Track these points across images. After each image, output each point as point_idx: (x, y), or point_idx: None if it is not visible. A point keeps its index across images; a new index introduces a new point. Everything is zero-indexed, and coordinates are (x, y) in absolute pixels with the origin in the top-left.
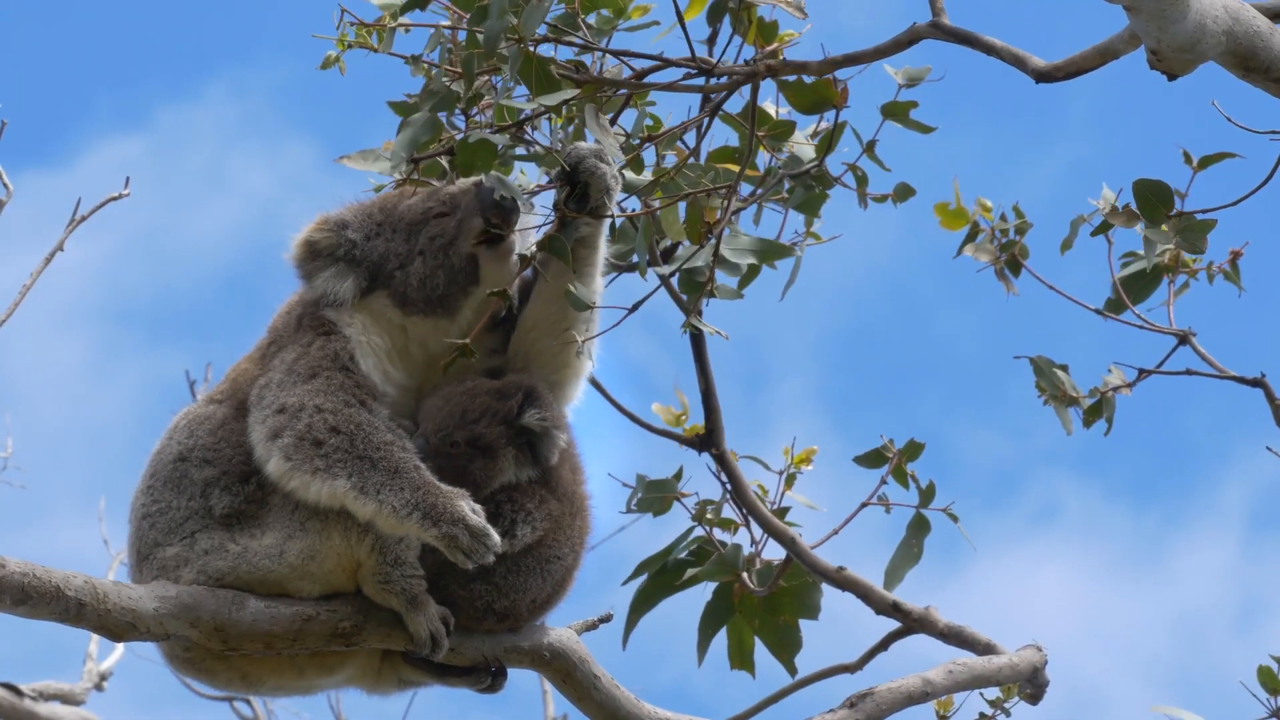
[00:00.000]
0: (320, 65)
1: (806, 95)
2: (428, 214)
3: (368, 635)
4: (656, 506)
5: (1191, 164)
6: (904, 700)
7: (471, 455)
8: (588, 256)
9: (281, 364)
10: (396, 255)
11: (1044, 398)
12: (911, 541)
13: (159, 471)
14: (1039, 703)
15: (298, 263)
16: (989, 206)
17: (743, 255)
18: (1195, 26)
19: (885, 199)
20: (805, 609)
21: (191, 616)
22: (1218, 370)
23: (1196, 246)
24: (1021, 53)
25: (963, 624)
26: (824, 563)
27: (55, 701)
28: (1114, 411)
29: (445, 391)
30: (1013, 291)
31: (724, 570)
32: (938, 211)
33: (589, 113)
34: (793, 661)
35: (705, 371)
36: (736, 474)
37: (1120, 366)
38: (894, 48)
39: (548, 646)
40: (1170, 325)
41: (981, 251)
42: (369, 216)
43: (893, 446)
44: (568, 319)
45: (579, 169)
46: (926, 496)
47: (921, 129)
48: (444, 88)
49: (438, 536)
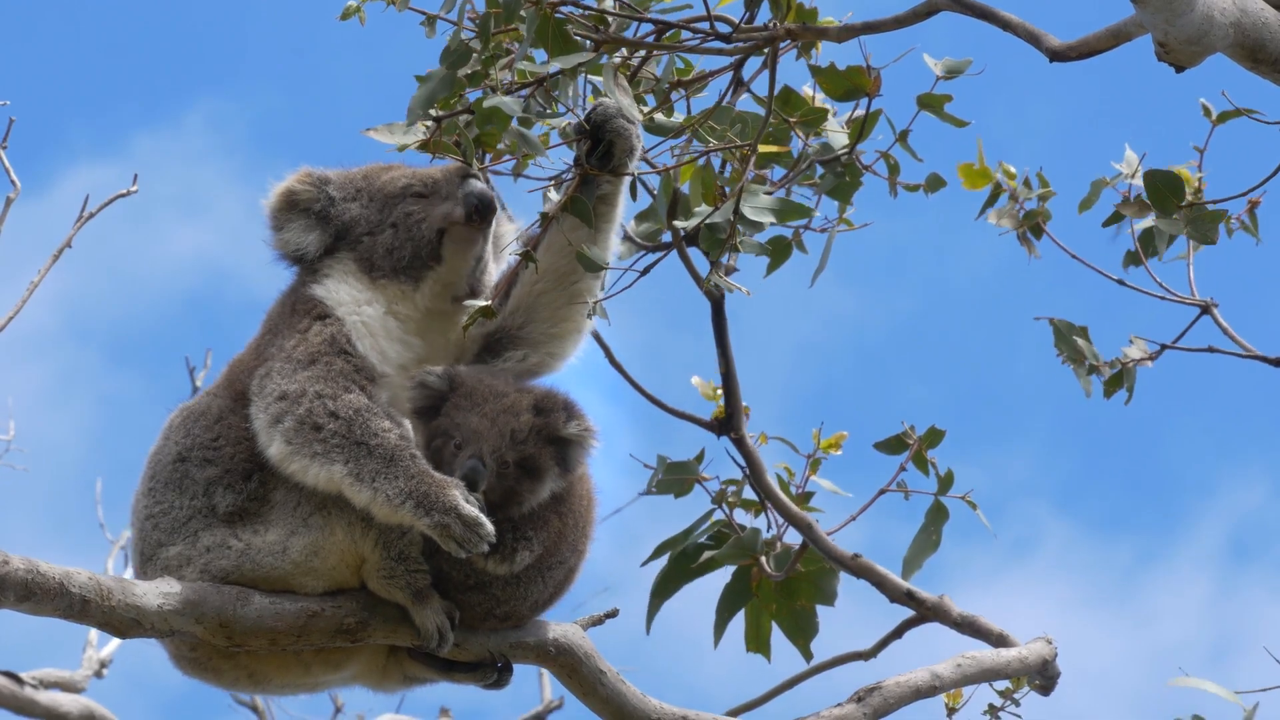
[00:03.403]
0: (340, 15)
1: (839, 82)
2: (406, 190)
3: (373, 631)
4: (678, 488)
5: (1211, 117)
6: (912, 694)
7: (519, 475)
8: (607, 213)
9: (280, 351)
10: (368, 221)
11: (1062, 358)
12: (930, 529)
13: (159, 473)
14: (1050, 694)
15: (273, 210)
16: (1013, 172)
17: (762, 214)
18: (1203, 18)
19: (917, 188)
20: (822, 595)
21: (196, 613)
22: (1242, 347)
23: (1208, 237)
24: (1037, 30)
25: (976, 614)
26: (839, 549)
27: (55, 689)
28: (1134, 382)
29: (484, 408)
30: (1035, 255)
31: (742, 553)
32: (961, 172)
33: (607, 72)
34: (809, 646)
35: (726, 353)
36: (755, 458)
37: (1142, 340)
38: (912, 18)
39: (553, 642)
40: (1192, 294)
41: (1005, 217)
42: (350, 180)
43: (913, 433)
44: (576, 271)
45: (605, 127)
46: (945, 484)
47: (956, 123)
48: (463, 45)
49: (430, 525)
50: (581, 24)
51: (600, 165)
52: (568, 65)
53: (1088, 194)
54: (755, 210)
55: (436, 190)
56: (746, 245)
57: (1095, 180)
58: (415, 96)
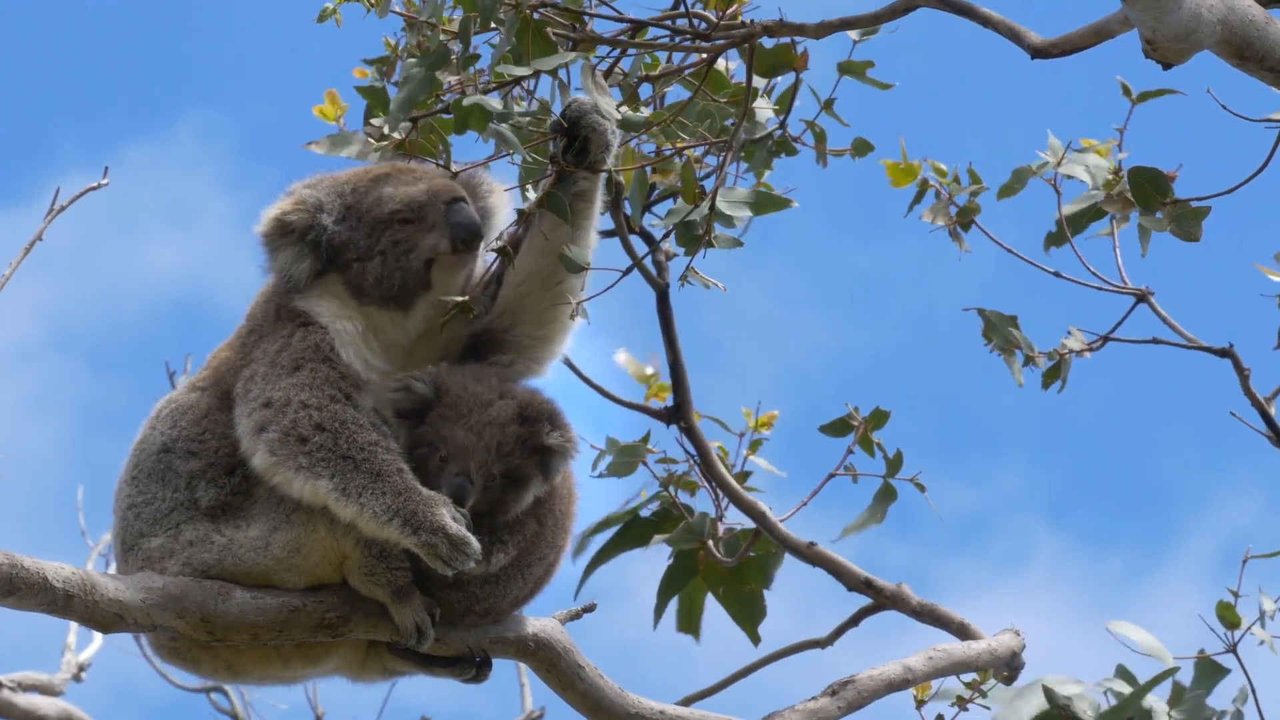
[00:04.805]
0: (316, 18)
1: (766, 59)
2: (393, 217)
3: (354, 626)
4: (625, 471)
5: (1130, 97)
6: (885, 687)
7: (505, 486)
8: (584, 210)
9: (264, 355)
10: (356, 247)
11: (990, 346)
12: (877, 508)
13: (143, 463)
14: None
15: (266, 238)
16: (943, 170)
17: (738, 208)
18: (1190, 15)
19: (843, 153)
20: (766, 578)
21: (178, 608)
22: (1185, 338)
23: (1191, 234)
24: (1018, 26)
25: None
26: (794, 538)
27: (34, 692)
28: (1069, 372)
29: (470, 420)
30: (964, 249)
31: (691, 537)
32: (889, 171)
33: (584, 71)
34: (756, 630)
35: (673, 344)
36: (705, 447)
37: (1080, 331)
38: (891, 14)
39: (532, 637)
40: (1125, 284)
41: (938, 214)
42: (340, 197)
43: (858, 414)
44: (559, 272)
45: (580, 123)
46: (894, 466)
47: (880, 85)
48: (441, 46)
49: (417, 544)
50: (558, 23)
51: (576, 162)
52: (547, 67)
53: (1009, 180)
54: (731, 205)
55: (423, 216)
56: (722, 241)
57: (1018, 168)
58: (395, 99)
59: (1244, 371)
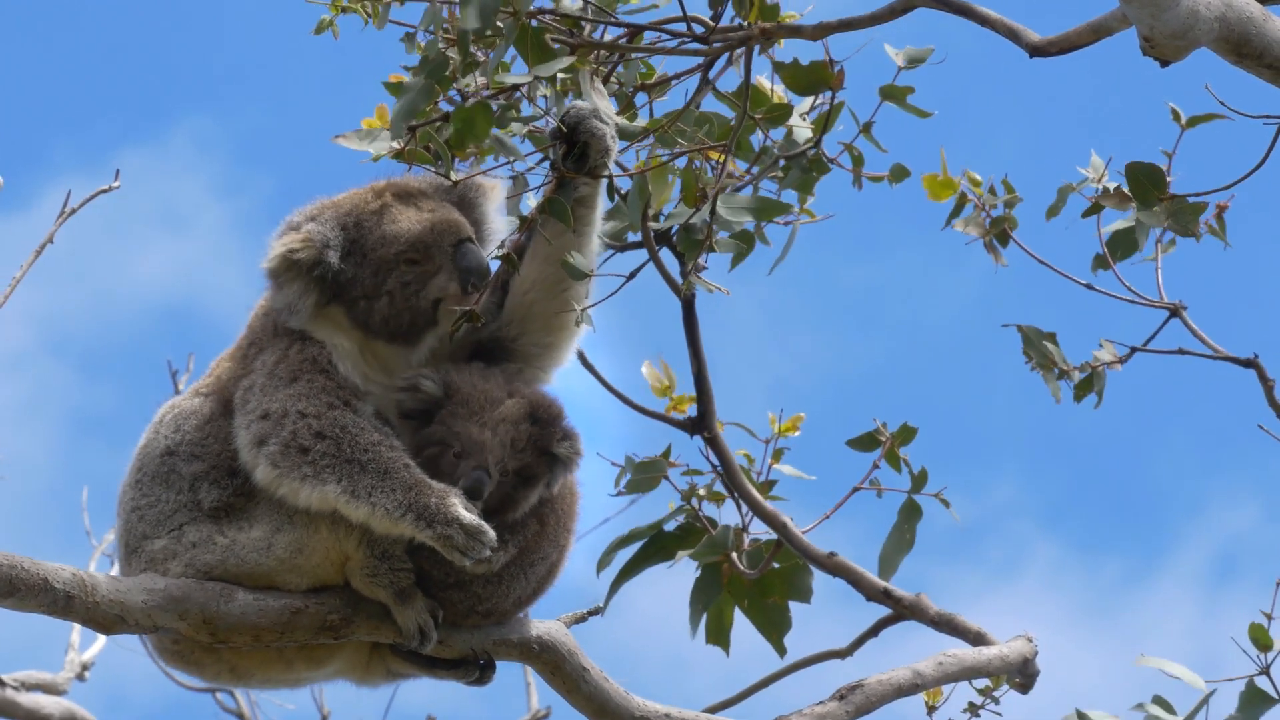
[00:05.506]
0: (314, 30)
1: (802, 76)
2: (399, 258)
3: (356, 628)
4: (646, 487)
5: (1180, 121)
6: (894, 692)
7: (516, 483)
8: (586, 216)
9: (263, 367)
10: (362, 285)
11: (1031, 364)
12: (904, 527)
13: (147, 466)
14: (1029, 692)
15: (273, 273)
16: (978, 180)
17: (740, 214)
18: (1188, 13)
19: (881, 179)
20: (796, 591)
21: (180, 609)
22: (1211, 349)
23: (1189, 230)
24: (1017, 26)
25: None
26: (814, 548)
27: (37, 692)
28: (1104, 385)
29: (483, 417)
30: (1001, 263)
31: (714, 550)
32: (926, 183)
33: (583, 77)
34: (782, 642)
35: (698, 352)
36: (728, 457)
37: (1111, 343)
38: (889, 14)
39: (536, 639)
40: (1160, 298)
41: (971, 225)
42: (344, 230)
43: (885, 430)
44: (565, 280)
45: (579, 129)
46: (919, 482)
47: (919, 113)
48: (440, 54)
49: (432, 537)
50: (556, 29)
51: (576, 168)
52: (546, 74)
53: (1055, 200)
54: (732, 210)
55: (430, 256)
56: (723, 245)
57: (1062, 186)
58: (396, 108)
59: (1268, 382)
